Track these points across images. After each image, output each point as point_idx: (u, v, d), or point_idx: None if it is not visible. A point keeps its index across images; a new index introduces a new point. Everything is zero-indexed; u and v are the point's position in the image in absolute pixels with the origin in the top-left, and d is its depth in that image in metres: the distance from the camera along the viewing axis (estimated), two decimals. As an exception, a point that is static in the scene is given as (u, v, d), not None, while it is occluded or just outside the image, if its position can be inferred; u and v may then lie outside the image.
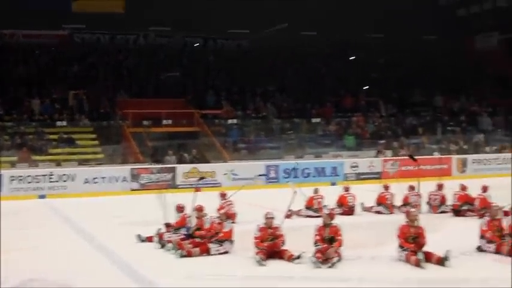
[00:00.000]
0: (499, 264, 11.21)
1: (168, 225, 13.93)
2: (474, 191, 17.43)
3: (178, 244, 12.51)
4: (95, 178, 24.19)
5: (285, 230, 12.58)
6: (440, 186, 18.52)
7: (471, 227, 13.36)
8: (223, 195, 17.10)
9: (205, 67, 37.54)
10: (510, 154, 32.13)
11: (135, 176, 24.82)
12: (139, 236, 13.86)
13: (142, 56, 37.15)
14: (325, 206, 17.57)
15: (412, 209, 12.14)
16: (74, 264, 11.73)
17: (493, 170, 30.52)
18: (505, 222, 12.58)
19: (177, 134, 30.25)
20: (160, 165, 26.41)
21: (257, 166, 27.33)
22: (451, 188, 18.30)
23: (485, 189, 17.17)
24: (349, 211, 18.01)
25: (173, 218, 13.95)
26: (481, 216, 13.96)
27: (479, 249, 12.20)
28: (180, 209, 14.07)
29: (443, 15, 42.03)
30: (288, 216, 16.67)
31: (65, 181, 23.81)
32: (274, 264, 11.32)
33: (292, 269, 10.87)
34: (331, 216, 12.02)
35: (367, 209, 18.65)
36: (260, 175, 26.51)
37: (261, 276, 10.52)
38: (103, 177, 24.31)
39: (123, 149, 29.04)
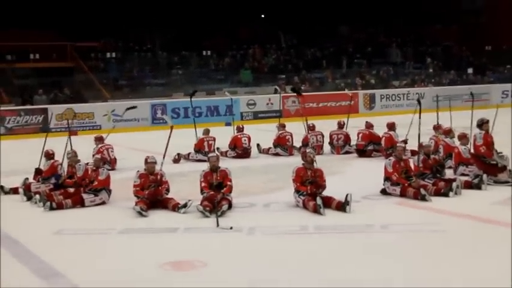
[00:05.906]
0: (402, 208, 11.43)
1: (38, 173, 13.63)
2: (383, 130, 17.51)
3: (47, 195, 12.24)
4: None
5: (171, 176, 12.52)
6: (341, 125, 18.77)
7: (376, 168, 13.57)
8: (99, 139, 16.82)
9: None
10: (421, 89, 33.05)
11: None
12: (1, 188, 13.51)
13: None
14: (217, 148, 17.60)
15: (309, 150, 12.20)
16: None
17: (402, 107, 31.32)
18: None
19: (47, 70, 29.49)
20: (29, 106, 25.73)
21: (142, 105, 27.01)
22: (357, 127, 18.52)
23: (391, 126, 17.33)
24: (243, 153, 18.07)
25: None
26: (388, 156, 14.21)
27: (384, 192, 12.41)
28: (48, 155, 13.81)
29: None
30: (175, 160, 16.72)
31: None
32: (157, 215, 11.22)
33: (177, 219, 10.78)
34: (218, 159, 11.95)
35: (265, 151, 18.78)
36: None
37: (142, 228, 10.37)
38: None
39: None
